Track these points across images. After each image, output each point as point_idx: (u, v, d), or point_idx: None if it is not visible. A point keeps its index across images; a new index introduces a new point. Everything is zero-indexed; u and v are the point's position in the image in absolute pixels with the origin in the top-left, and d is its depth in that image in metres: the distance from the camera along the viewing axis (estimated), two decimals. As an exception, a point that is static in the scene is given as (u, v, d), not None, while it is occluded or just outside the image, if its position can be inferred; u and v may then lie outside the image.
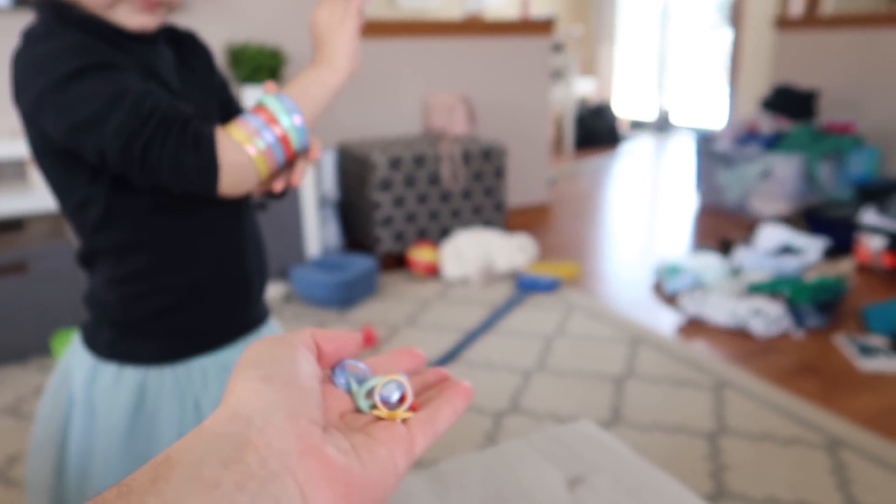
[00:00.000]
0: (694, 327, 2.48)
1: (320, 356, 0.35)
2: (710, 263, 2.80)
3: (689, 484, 1.52)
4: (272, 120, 0.79)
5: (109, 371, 0.92)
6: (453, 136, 3.33)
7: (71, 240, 2.27)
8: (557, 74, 6.06)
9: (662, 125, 7.15)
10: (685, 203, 4.31)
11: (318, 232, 3.00)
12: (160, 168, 0.77)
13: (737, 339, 2.37)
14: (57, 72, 0.77)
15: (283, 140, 0.80)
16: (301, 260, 2.93)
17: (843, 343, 2.29)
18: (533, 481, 0.90)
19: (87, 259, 0.93)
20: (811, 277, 2.49)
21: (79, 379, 0.94)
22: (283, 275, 2.82)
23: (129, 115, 0.76)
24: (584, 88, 7.17)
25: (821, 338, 2.36)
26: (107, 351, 0.93)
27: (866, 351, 2.22)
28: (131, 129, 0.75)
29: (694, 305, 2.52)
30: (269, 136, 0.78)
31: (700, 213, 4.06)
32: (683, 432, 1.81)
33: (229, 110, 1.01)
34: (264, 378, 0.31)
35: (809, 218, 3.27)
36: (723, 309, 2.45)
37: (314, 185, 2.96)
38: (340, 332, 0.37)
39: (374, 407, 0.35)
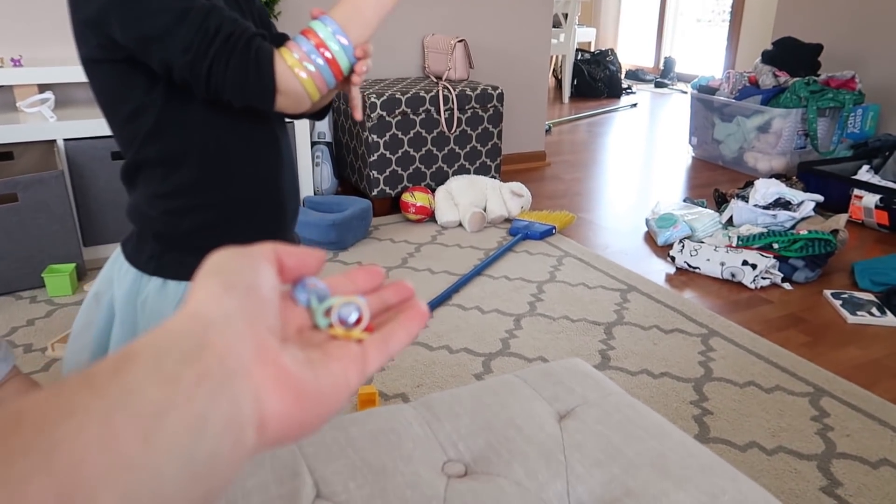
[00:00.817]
0: (684, 277, 2.50)
1: (282, 270, 0.35)
2: (703, 215, 2.81)
3: (673, 426, 1.55)
4: (321, 44, 0.83)
5: (153, 285, 0.95)
6: (451, 79, 3.28)
7: (59, 168, 2.24)
8: (558, 21, 5.95)
9: (663, 76, 7.06)
10: (681, 155, 4.29)
11: (311, 172, 2.97)
12: (223, 86, 0.82)
13: (726, 290, 2.39)
14: None
15: (333, 63, 0.84)
16: (294, 200, 2.91)
17: (830, 297, 2.31)
18: (523, 413, 0.91)
19: (132, 172, 0.95)
20: (803, 232, 2.50)
21: (120, 292, 0.96)
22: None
23: (196, 31, 0.79)
24: (584, 36, 7.05)
25: (810, 291, 2.38)
26: (149, 265, 0.95)
27: (853, 305, 2.25)
28: (198, 45, 0.79)
29: (685, 256, 2.53)
30: (319, 60, 0.83)
31: (696, 166, 4.04)
32: (670, 377, 1.84)
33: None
34: (226, 285, 0.31)
35: (805, 173, 3.26)
36: (714, 260, 2.46)
37: (309, 125, 2.92)
38: (303, 249, 0.37)
39: (330, 325, 0.36)
